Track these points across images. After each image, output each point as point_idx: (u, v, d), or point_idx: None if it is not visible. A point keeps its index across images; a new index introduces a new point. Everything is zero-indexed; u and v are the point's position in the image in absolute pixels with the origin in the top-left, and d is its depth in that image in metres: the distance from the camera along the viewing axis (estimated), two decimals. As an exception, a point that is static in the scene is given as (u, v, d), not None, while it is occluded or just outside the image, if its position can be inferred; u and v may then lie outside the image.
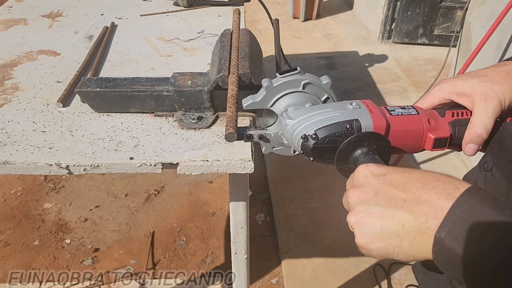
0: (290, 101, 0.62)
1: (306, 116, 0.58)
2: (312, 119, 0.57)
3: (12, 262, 1.91)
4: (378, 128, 0.56)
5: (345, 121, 0.56)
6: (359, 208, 0.46)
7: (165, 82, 0.91)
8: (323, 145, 0.56)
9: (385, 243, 0.44)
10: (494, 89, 0.58)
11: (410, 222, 0.43)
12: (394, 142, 0.58)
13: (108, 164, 0.80)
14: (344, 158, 0.56)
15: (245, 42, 0.91)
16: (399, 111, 0.59)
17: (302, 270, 1.85)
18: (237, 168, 0.81)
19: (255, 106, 0.64)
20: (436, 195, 0.42)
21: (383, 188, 0.46)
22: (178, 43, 1.24)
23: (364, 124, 0.56)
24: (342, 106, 0.58)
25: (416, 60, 3.57)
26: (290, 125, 0.59)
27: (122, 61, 1.15)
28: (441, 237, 0.40)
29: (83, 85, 0.91)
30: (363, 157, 0.54)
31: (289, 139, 0.60)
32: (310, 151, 0.57)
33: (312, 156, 0.58)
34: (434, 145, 0.60)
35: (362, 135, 0.55)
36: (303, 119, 0.58)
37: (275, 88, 0.62)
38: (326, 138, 0.56)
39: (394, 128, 0.58)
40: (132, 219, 2.14)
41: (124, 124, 0.90)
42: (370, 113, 0.57)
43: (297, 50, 3.73)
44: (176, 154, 0.82)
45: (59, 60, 1.15)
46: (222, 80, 0.82)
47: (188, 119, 0.91)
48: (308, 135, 0.56)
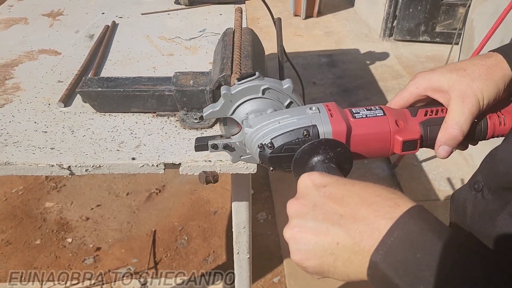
0: (250, 108, 0.60)
1: (264, 123, 0.55)
2: (269, 127, 0.55)
3: (14, 261, 1.91)
4: (337, 133, 0.54)
5: (302, 128, 0.53)
6: (295, 222, 0.43)
7: (167, 82, 0.90)
8: (280, 154, 0.54)
9: (319, 261, 0.41)
10: (472, 86, 0.54)
11: (344, 240, 0.39)
12: (357, 147, 0.56)
13: (110, 165, 0.79)
14: (300, 167, 0.53)
15: (247, 41, 0.90)
16: (364, 113, 0.56)
17: (304, 268, 1.85)
18: (240, 168, 0.81)
19: (215, 115, 0.61)
20: (374, 212, 0.39)
21: (322, 201, 0.43)
22: (180, 42, 1.24)
23: (322, 130, 0.53)
24: (301, 112, 0.55)
25: (418, 57, 3.56)
26: (248, 134, 0.57)
27: (123, 60, 1.14)
28: (376, 261, 0.37)
29: (85, 85, 0.90)
30: (319, 165, 0.51)
31: (249, 148, 0.58)
32: (267, 160, 0.55)
33: (271, 166, 0.56)
34: (403, 148, 0.56)
35: (317, 143, 0.52)
36: (260, 127, 0.55)
37: (234, 95, 0.59)
38: (283, 147, 0.53)
39: (357, 132, 0.55)
40: (134, 218, 2.14)
41: (125, 124, 0.90)
42: (329, 118, 0.54)
43: (298, 48, 3.72)
44: (178, 154, 0.81)
45: (60, 59, 1.14)
46: (225, 80, 0.81)
47: (190, 119, 0.90)
48: (264, 144, 0.54)
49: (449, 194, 2.24)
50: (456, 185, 2.28)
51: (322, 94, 3.09)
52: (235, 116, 0.61)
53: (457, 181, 2.30)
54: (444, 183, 2.30)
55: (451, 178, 2.32)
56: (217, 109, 0.61)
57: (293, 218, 0.44)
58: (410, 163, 2.40)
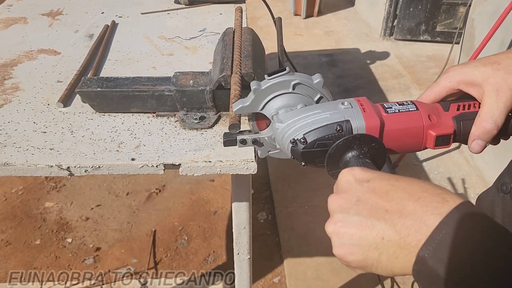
0: (281, 103, 0.59)
1: (296, 119, 0.55)
2: (301, 122, 0.54)
3: (14, 262, 1.91)
4: (371, 128, 0.53)
5: (335, 123, 0.53)
6: (338, 217, 0.43)
7: (167, 82, 0.90)
8: (313, 149, 0.54)
9: (363, 256, 0.41)
10: (507, 79, 0.53)
11: (390, 235, 0.39)
12: (391, 141, 0.55)
13: (109, 165, 0.79)
14: (334, 162, 0.53)
15: (247, 41, 0.90)
16: (396, 108, 0.56)
17: (305, 269, 1.84)
18: (240, 169, 0.80)
19: (244, 110, 0.61)
20: (421, 207, 0.38)
21: (366, 196, 0.42)
22: (180, 41, 1.23)
23: (355, 125, 0.53)
24: (333, 106, 0.55)
25: (418, 57, 3.56)
26: (280, 129, 0.56)
27: (123, 60, 1.14)
28: (424, 256, 0.36)
29: (84, 85, 0.90)
30: (354, 160, 0.51)
31: (280, 143, 0.58)
32: (300, 156, 0.55)
33: (303, 161, 0.56)
34: (436, 143, 0.56)
35: (352, 138, 0.51)
36: (292, 122, 0.55)
37: (264, 90, 0.59)
38: (316, 142, 0.53)
39: (390, 127, 0.54)
40: (134, 218, 2.13)
41: (125, 124, 0.89)
42: (362, 113, 0.54)
43: (298, 48, 3.72)
44: (178, 155, 0.81)
45: (60, 59, 1.14)
46: (225, 80, 0.81)
47: (190, 119, 0.90)
48: (297, 139, 0.54)
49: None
50: (457, 185, 2.27)
51: (322, 94, 3.08)
52: (264, 111, 0.61)
53: (458, 181, 2.29)
54: (444, 183, 2.29)
55: (451, 178, 2.32)
56: (247, 105, 0.60)
57: (335, 212, 0.44)
58: (410, 162, 2.40)
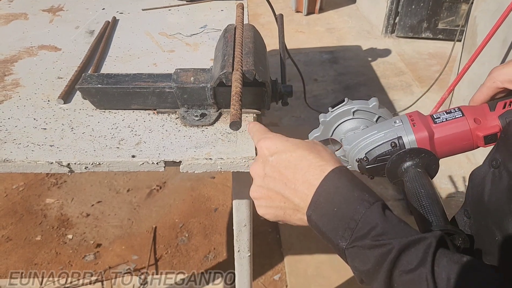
0: (345, 128, 0.69)
1: (358, 141, 0.65)
2: (363, 143, 0.64)
3: (14, 258, 1.91)
4: (420, 141, 0.61)
5: (390, 140, 0.62)
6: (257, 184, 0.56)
7: (168, 79, 0.89)
8: (375, 165, 0.63)
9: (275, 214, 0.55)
10: None
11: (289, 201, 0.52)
12: (442, 148, 0.62)
13: (109, 162, 0.79)
14: (393, 174, 0.62)
15: (249, 37, 0.89)
16: (444, 117, 0.62)
17: (305, 266, 1.84)
18: (241, 166, 0.80)
19: (319, 138, 0.72)
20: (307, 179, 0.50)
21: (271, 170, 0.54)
22: (181, 38, 1.23)
23: (406, 139, 0.61)
24: (387, 126, 0.63)
25: (420, 54, 3.54)
26: (347, 151, 0.66)
27: (123, 57, 1.14)
28: (310, 215, 0.49)
29: (84, 82, 0.89)
30: (408, 170, 0.60)
31: (350, 162, 0.68)
32: (366, 171, 0.64)
33: (370, 175, 0.65)
34: (486, 142, 0.61)
35: (403, 153, 0.60)
36: (356, 144, 0.65)
37: (330, 121, 0.70)
38: (376, 159, 0.62)
39: (439, 136, 0.61)
40: (134, 215, 2.14)
41: (125, 121, 0.89)
42: (412, 128, 0.61)
43: (300, 45, 3.71)
44: (179, 152, 0.81)
45: (60, 55, 1.14)
46: (226, 77, 0.80)
47: (191, 116, 0.89)
48: (361, 159, 0.64)
49: (451, 192, 2.23)
50: (458, 183, 2.27)
51: (323, 91, 3.07)
52: (335, 136, 0.71)
53: (459, 179, 2.29)
54: (445, 180, 2.29)
55: (452, 176, 2.31)
56: (319, 134, 0.72)
57: (255, 180, 0.56)
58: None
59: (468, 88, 2.42)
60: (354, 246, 0.45)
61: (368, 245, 0.44)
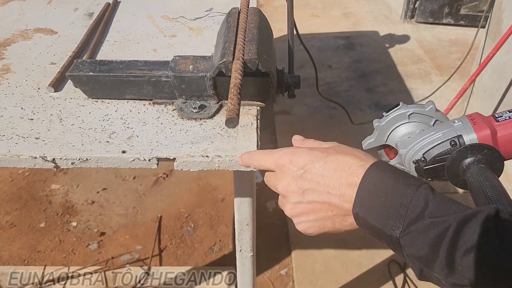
0: (401, 132, 0.67)
1: (415, 142, 0.62)
2: (420, 144, 0.61)
3: (18, 244, 1.89)
4: (483, 138, 0.58)
5: (449, 139, 0.59)
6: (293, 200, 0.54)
7: (165, 67, 0.82)
8: (433, 165, 0.60)
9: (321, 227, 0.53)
10: None
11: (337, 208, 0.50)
12: (506, 146, 0.59)
13: (98, 158, 0.72)
14: (454, 173, 0.59)
15: (253, 22, 0.81)
16: (506, 116, 0.60)
17: (313, 261, 1.78)
18: (240, 165, 0.73)
19: (373, 145, 0.70)
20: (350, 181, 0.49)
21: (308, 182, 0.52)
22: (184, 22, 1.15)
23: (467, 138, 0.58)
24: (446, 126, 0.61)
25: (440, 41, 3.40)
26: (403, 154, 0.64)
27: (122, 41, 1.06)
28: (356, 212, 0.48)
29: (76, 69, 0.83)
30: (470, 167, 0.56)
31: (407, 166, 0.65)
32: (423, 173, 0.62)
33: (428, 177, 0.63)
34: None
35: (464, 148, 0.57)
36: (412, 146, 0.63)
37: (384, 125, 0.68)
38: (434, 159, 0.60)
39: (502, 134, 0.59)
40: (140, 203, 2.09)
41: (119, 112, 0.82)
42: (473, 126, 0.59)
43: (314, 30, 3.59)
44: (174, 148, 0.74)
45: (56, 39, 1.07)
46: (226, 67, 0.73)
47: (189, 108, 0.82)
48: (418, 160, 0.61)
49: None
50: None
51: (337, 79, 2.97)
52: (389, 142, 0.69)
53: None
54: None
55: None
56: (373, 140, 0.69)
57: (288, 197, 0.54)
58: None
59: (491, 78, 2.29)
60: (408, 233, 0.43)
61: (423, 227, 0.42)
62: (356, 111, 2.66)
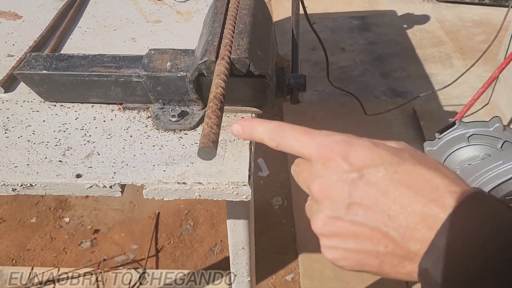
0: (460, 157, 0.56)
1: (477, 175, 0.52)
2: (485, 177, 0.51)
3: (6, 241, 1.77)
4: None
5: None
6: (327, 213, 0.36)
7: (137, 63, 0.66)
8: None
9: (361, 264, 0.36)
10: None
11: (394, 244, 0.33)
12: None
13: (45, 184, 0.57)
14: None
15: (246, 8, 0.64)
16: None
17: (321, 267, 1.63)
18: (227, 194, 0.57)
19: None
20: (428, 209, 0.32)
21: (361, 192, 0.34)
22: (172, 4, 0.98)
23: None
24: None
25: (463, 21, 3.15)
26: None
27: (96, 28, 0.90)
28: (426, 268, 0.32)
29: (27, 65, 0.67)
30: None
31: None
32: None
33: None
34: None
35: None
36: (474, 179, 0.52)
37: (438, 150, 0.57)
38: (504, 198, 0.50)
39: None
40: (137, 197, 1.95)
41: (80, 120, 0.67)
42: None
43: (327, 8, 3.36)
44: (143, 171, 0.58)
45: (19, 25, 0.91)
46: (207, 68, 0.56)
47: (167, 115, 0.66)
48: None
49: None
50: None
51: (351, 62, 2.76)
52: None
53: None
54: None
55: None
56: None
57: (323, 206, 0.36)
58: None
59: (521, 64, 2.08)
60: None
61: None
62: (371, 98, 2.47)
